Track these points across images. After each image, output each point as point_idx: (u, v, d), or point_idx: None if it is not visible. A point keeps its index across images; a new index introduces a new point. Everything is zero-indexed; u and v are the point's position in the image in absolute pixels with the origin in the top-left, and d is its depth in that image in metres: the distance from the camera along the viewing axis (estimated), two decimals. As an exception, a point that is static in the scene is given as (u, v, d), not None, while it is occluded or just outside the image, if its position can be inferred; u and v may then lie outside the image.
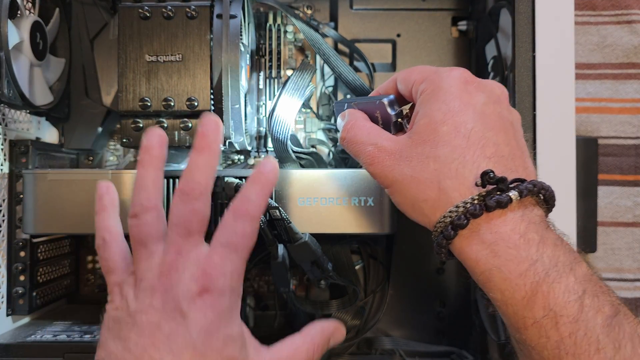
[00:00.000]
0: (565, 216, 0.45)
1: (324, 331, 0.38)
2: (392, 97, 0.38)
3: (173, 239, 0.34)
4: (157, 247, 0.35)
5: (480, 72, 0.58)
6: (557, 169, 0.45)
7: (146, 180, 0.36)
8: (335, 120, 0.43)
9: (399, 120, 0.38)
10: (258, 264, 0.60)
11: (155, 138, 0.38)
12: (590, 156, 0.55)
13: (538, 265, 0.30)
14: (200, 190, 0.35)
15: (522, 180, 0.31)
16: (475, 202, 0.31)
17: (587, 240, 0.56)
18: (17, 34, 0.48)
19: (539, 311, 0.30)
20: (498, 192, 0.31)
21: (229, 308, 0.34)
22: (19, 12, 0.49)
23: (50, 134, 0.57)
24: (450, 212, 0.31)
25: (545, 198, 0.32)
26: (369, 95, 0.41)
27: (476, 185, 0.31)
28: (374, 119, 0.38)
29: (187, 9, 0.48)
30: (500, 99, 0.35)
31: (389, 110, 0.37)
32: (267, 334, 0.55)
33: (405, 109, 0.38)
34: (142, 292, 0.33)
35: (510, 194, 0.30)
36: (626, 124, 0.66)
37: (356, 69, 0.60)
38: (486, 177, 0.31)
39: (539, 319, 0.30)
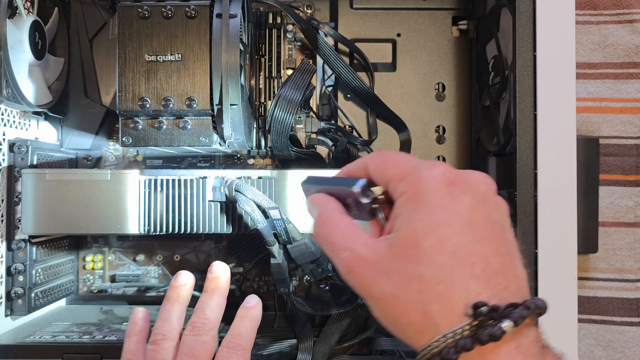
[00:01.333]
0: (566, 216, 0.45)
1: None
2: (363, 182, 0.33)
3: None
4: None
5: (481, 71, 0.58)
6: (558, 169, 0.45)
7: (171, 315, 0.43)
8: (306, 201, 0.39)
9: (373, 206, 0.34)
10: (258, 265, 0.59)
11: (183, 279, 0.45)
12: (592, 156, 0.55)
13: None
14: (210, 326, 0.42)
15: (516, 305, 0.28)
16: (467, 334, 0.27)
17: (588, 240, 0.55)
18: (16, 34, 0.48)
19: None
20: (490, 322, 0.27)
21: None
22: (17, 11, 0.49)
23: (49, 134, 0.57)
24: (437, 341, 0.28)
25: (539, 314, 0.29)
26: (337, 175, 0.37)
27: (466, 315, 0.28)
28: (346, 205, 0.35)
29: (187, 9, 0.48)
30: (487, 197, 0.31)
31: (361, 199, 0.33)
32: (267, 335, 0.56)
33: (378, 192, 0.33)
34: None
35: (504, 325, 0.27)
36: (627, 124, 0.66)
37: (356, 69, 0.60)
38: (478, 311, 0.27)
39: None
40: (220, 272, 0.45)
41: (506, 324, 0.27)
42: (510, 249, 0.31)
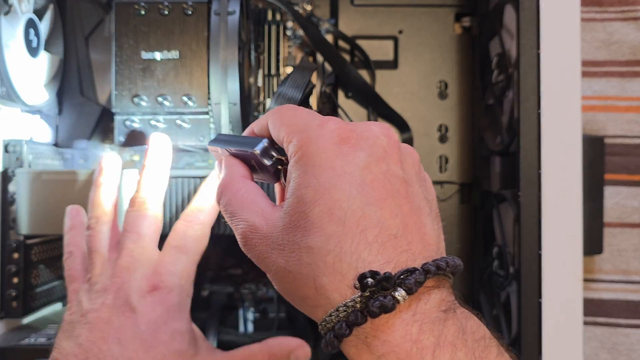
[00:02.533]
0: (570, 217, 0.44)
1: (284, 346, 0.40)
2: (265, 143, 0.32)
3: (125, 244, 0.39)
4: (111, 254, 0.39)
5: (484, 69, 0.57)
6: (563, 168, 0.45)
7: (101, 199, 0.42)
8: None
9: (279, 167, 0.32)
10: (257, 266, 0.59)
11: (106, 161, 0.44)
12: (597, 156, 0.55)
13: None
14: (150, 201, 0.40)
15: (412, 271, 0.25)
16: (357, 307, 0.25)
17: (593, 241, 0.55)
18: (11, 31, 0.48)
19: None
20: (382, 292, 0.25)
21: (178, 305, 0.37)
22: (12, 8, 0.49)
23: (44, 133, 0.56)
24: (330, 315, 0.26)
25: (449, 274, 0.27)
26: (243, 134, 0.35)
27: (355, 287, 0.26)
28: (252, 167, 0.33)
29: (184, 5, 0.47)
30: (386, 152, 0.29)
31: (264, 160, 0.32)
32: (266, 337, 0.55)
33: (281, 157, 0.32)
34: (94, 293, 0.37)
35: (396, 294, 0.25)
36: (633, 123, 0.65)
37: (357, 66, 0.59)
38: (366, 282, 0.25)
39: None
40: (157, 143, 0.42)
41: (399, 293, 0.25)
42: (416, 205, 0.28)
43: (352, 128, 0.29)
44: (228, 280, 0.60)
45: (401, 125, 0.60)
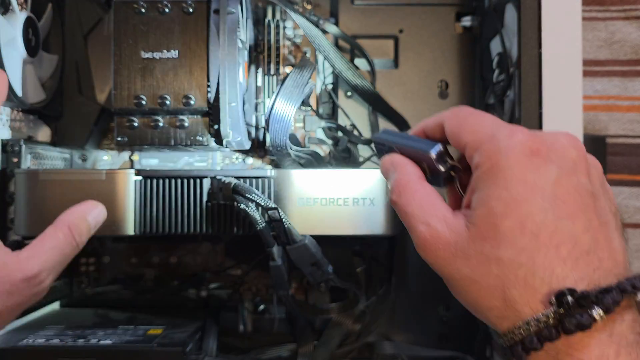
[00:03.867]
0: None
1: (77, 211, 0.41)
2: (439, 148, 0.32)
3: None
4: None
5: (485, 69, 0.57)
6: (564, 168, 0.44)
7: None
8: (377, 157, 0.37)
9: (452, 173, 0.32)
10: (256, 267, 0.59)
11: None
12: (598, 155, 0.54)
13: None
14: None
15: (609, 289, 0.25)
16: (551, 322, 0.25)
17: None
18: (9, 30, 0.48)
19: None
20: (579, 309, 0.25)
21: None
22: (10, 7, 0.48)
23: (42, 133, 0.56)
24: (519, 328, 0.26)
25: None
26: (413, 133, 0.35)
27: (550, 303, 0.26)
28: (421, 168, 0.33)
29: (184, 4, 0.47)
30: (576, 165, 0.28)
31: (437, 165, 0.32)
32: (266, 338, 0.55)
33: (456, 164, 0.32)
34: None
35: (594, 312, 0.25)
36: (635, 123, 0.65)
37: (357, 66, 0.59)
38: (564, 299, 0.25)
39: None
40: None
41: (596, 312, 0.25)
42: (604, 219, 0.28)
43: (542, 140, 0.28)
44: (227, 281, 0.60)
45: (401, 124, 0.59)
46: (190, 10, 0.47)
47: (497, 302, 0.27)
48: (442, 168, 0.32)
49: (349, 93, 0.60)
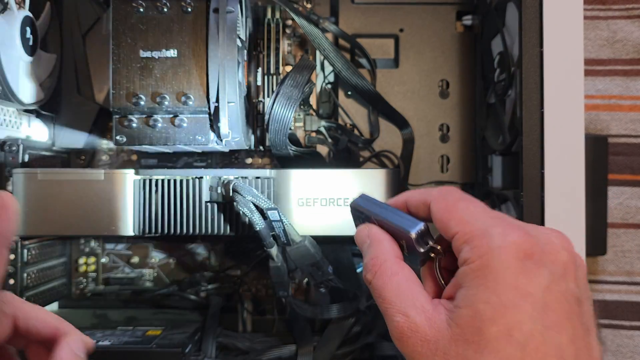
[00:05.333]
0: (574, 217, 0.44)
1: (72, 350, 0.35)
2: (421, 227, 0.30)
3: None
4: None
5: (486, 68, 0.57)
6: (566, 168, 0.44)
7: None
8: (355, 225, 0.35)
9: (431, 254, 0.31)
10: (256, 268, 0.59)
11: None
12: (600, 155, 0.54)
13: None
14: None
15: None
16: None
17: (597, 242, 0.55)
18: (7, 29, 0.48)
19: None
20: None
21: None
22: (8, 6, 0.48)
23: (40, 132, 0.56)
24: None
25: None
26: (394, 204, 0.33)
27: None
28: (399, 244, 0.32)
29: (183, 3, 0.47)
30: (566, 269, 0.28)
31: (417, 246, 0.30)
32: (266, 340, 0.55)
33: (437, 246, 0.31)
34: None
35: None
36: (637, 122, 0.65)
37: (357, 65, 0.59)
38: None
39: None
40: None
41: None
42: (586, 326, 0.28)
43: (535, 241, 0.28)
44: (227, 281, 0.59)
45: (402, 124, 0.59)
46: (189, 9, 0.47)
47: None
48: (421, 249, 0.30)
49: (349, 92, 0.59)
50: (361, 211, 0.33)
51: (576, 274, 0.28)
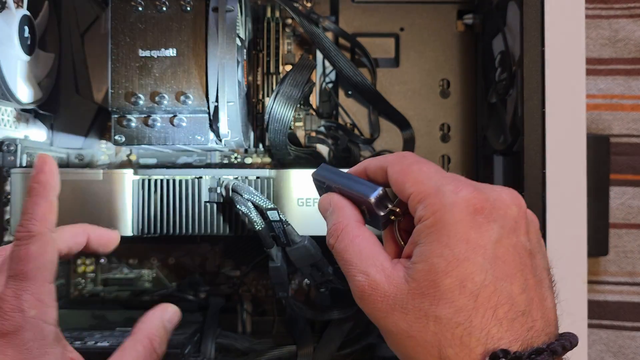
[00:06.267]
0: (575, 218, 0.44)
1: (155, 320, 0.38)
2: (379, 191, 0.31)
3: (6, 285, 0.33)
4: None
5: (487, 67, 0.57)
6: (568, 168, 0.44)
7: (35, 212, 0.35)
8: (317, 193, 0.37)
9: (391, 217, 0.32)
10: (255, 268, 0.59)
11: (44, 165, 0.36)
12: (602, 155, 0.54)
13: None
14: (34, 232, 0.34)
15: (540, 351, 0.26)
16: None
17: (599, 242, 0.55)
18: (5, 28, 0.47)
19: None
20: None
21: (34, 341, 0.32)
22: (6, 5, 0.48)
23: (38, 132, 0.56)
24: None
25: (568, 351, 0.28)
26: (354, 172, 0.34)
27: None
28: (360, 209, 0.33)
29: (182, 2, 0.47)
30: (516, 223, 0.29)
31: (377, 210, 0.31)
32: (265, 341, 0.55)
33: (395, 206, 0.32)
34: None
35: None
36: (639, 122, 0.64)
37: (358, 64, 0.59)
38: None
39: None
40: (42, 167, 0.36)
41: None
42: (539, 277, 0.29)
43: (486, 197, 0.29)
44: (226, 282, 0.59)
45: (402, 124, 0.59)
46: (189, 8, 0.47)
47: (432, 358, 0.28)
48: (381, 212, 0.31)
49: (349, 92, 0.59)
50: (322, 181, 0.35)
51: (527, 229, 0.30)
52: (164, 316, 0.39)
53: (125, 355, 0.36)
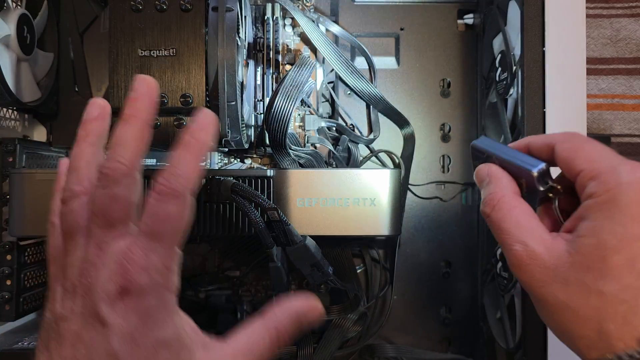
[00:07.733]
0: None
1: (292, 312, 0.32)
2: (543, 166, 0.31)
3: (94, 231, 0.29)
4: (83, 240, 0.30)
5: (488, 67, 0.56)
6: (569, 168, 0.44)
7: (79, 161, 0.32)
8: (473, 166, 0.37)
9: (549, 194, 0.32)
10: (255, 268, 0.58)
11: (94, 110, 0.33)
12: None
13: None
14: (122, 171, 0.30)
15: None
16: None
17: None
18: (4, 28, 0.47)
19: None
20: None
21: (157, 308, 0.29)
22: (5, 4, 0.48)
23: (38, 132, 0.56)
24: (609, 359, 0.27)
25: None
26: (515, 147, 0.34)
27: None
28: (517, 183, 0.33)
29: (181, 1, 0.46)
30: None
31: (537, 184, 0.31)
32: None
33: (557, 185, 0.32)
34: (66, 293, 0.30)
35: None
36: (640, 122, 0.64)
37: (358, 64, 0.58)
38: None
39: None
40: (142, 90, 0.31)
41: None
42: None
43: None
44: (226, 282, 0.59)
45: (403, 123, 0.59)
46: (188, 7, 0.46)
47: (590, 332, 0.28)
48: (541, 188, 0.31)
49: (349, 92, 0.59)
50: (482, 151, 0.35)
51: None
52: (304, 310, 0.33)
53: (252, 343, 0.32)
